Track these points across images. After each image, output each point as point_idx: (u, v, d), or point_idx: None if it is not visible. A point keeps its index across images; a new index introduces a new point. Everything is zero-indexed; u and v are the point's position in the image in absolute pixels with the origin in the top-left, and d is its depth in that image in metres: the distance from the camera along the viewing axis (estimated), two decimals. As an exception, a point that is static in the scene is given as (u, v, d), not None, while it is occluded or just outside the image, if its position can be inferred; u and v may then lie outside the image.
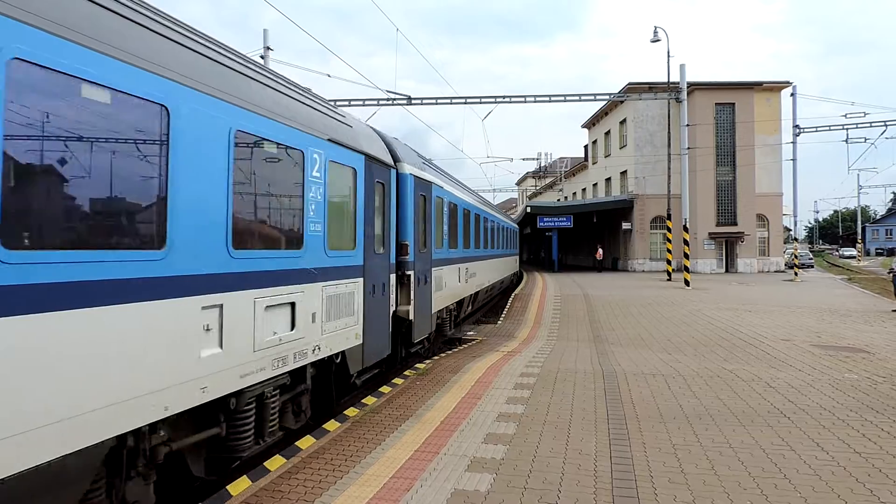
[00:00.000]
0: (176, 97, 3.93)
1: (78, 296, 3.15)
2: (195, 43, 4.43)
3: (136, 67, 3.59)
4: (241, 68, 4.98)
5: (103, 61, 3.39)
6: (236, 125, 4.61)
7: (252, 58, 5.93)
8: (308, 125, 5.82)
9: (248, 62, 5.27)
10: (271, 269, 5.09)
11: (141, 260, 3.64)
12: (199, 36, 4.61)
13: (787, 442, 5.63)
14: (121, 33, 3.59)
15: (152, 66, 3.74)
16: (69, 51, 3.18)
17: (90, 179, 3.31)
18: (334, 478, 4.84)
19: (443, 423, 6.32)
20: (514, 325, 14.99)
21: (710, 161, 37.86)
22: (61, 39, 3.14)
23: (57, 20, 3.13)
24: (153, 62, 3.75)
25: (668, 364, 9.52)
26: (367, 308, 7.35)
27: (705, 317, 15.38)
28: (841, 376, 8.48)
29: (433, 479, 4.75)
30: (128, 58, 3.55)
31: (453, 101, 27.19)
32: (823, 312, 16.36)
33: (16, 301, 2.82)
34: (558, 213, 40.71)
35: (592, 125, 52.41)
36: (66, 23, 3.18)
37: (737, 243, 38.68)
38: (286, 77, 6.15)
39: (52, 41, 3.09)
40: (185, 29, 4.46)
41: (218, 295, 4.36)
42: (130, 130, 3.59)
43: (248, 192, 4.80)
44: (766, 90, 39.43)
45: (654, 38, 27.05)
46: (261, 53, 22.75)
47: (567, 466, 5.02)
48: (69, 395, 3.09)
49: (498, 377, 8.57)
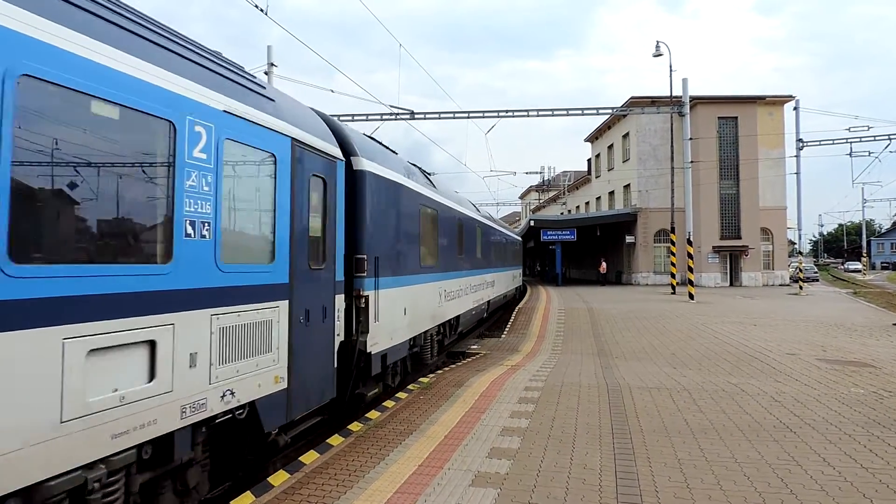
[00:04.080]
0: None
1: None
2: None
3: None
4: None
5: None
6: (16, 65, 3.00)
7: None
8: (184, 85, 4.19)
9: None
10: (102, 293, 3.43)
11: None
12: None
13: (793, 457, 5.59)
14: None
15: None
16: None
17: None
18: (338, 493, 4.83)
19: (447, 438, 6.30)
20: (517, 339, 14.96)
21: (713, 175, 37.90)
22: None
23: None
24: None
25: (673, 378, 9.48)
26: (296, 341, 5.66)
27: (710, 330, 15.32)
28: (847, 391, 8.43)
29: (437, 494, 4.74)
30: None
31: (456, 115, 27.34)
32: (829, 326, 16.28)
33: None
34: (562, 226, 40.76)
35: (595, 139, 52.59)
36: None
37: (741, 257, 38.60)
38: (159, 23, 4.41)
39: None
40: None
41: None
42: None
43: (42, 173, 3.18)
44: (768, 104, 39.57)
45: (656, 53, 27.22)
46: (265, 70, 22.98)
47: (572, 481, 5.00)
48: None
49: (502, 391, 8.55)
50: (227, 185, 4.64)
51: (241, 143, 4.86)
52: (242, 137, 4.88)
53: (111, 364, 3.53)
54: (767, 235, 39.87)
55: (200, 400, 4.29)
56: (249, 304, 4.91)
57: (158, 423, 3.88)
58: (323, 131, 6.60)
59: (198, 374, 4.25)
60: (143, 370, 3.79)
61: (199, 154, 4.31)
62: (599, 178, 52.14)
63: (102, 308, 3.44)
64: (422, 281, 10.26)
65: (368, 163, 7.69)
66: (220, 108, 4.59)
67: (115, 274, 3.55)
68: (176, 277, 4.04)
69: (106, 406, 3.46)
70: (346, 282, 7.09)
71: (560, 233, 40.09)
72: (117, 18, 3.81)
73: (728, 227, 38.72)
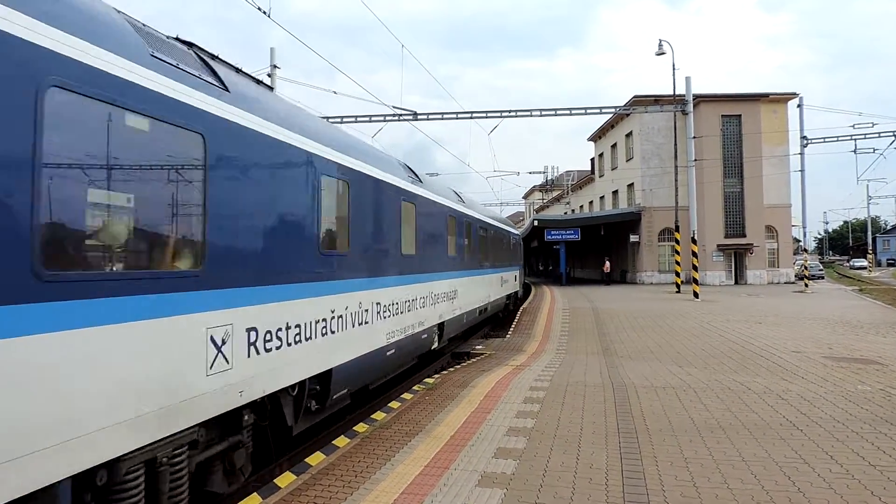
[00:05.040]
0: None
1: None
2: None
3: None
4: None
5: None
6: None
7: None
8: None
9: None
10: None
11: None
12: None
13: (801, 455, 5.57)
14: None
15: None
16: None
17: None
18: (345, 494, 4.83)
19: (452, 438, 6.30)
20: (522, 339, 14.94)
21: (717, 173, 37.82)
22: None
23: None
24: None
25: (679, 377, 9.46)
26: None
27: (715, 329, 15.28)
28: (854, 388, 8.40)
29: (444, 495, 4.74)
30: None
31: (459, 115, 27.34)
32: (835, 324, 16.21)
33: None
34: (566, 226, 40.69)
35: (598, 138, 52.52)
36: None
37: (746, 255, 38.49)
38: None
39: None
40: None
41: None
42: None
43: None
44: (772, 101, 39.48)
45: (659, 52, 27.19)
46: (268, 72, 23.03)
47: (578, 481, 4.99)
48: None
49: (507, 391, 8.54)
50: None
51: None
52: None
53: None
54: (772, 233, 39.75)
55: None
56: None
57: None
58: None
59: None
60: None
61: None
62: (603, 177, 52.08)
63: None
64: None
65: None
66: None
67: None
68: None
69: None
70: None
71: (564, 232, 40.02)
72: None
73: (732, 225, 38.62)
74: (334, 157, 6.88)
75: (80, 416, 3.34)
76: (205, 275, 4.45)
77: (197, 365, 4.34)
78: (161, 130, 4.12)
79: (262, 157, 5.35)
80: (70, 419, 3.28)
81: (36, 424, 3.09)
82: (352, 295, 7.21)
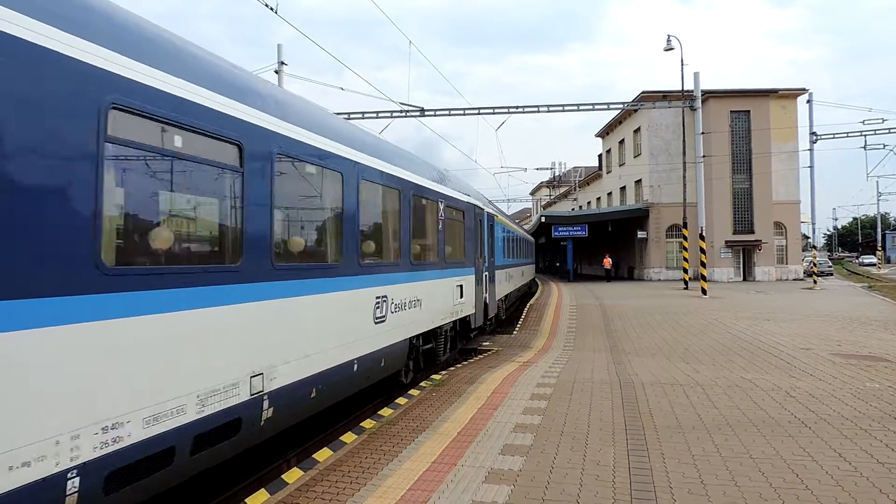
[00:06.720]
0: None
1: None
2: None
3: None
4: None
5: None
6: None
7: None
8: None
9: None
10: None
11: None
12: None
13: (809, 452, 5.55)
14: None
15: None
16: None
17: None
18: (352, 490, 4.85)
19: (460, 435, 6.31)
20: (529, 336, 14.95)
21: (725, 169, 37.62)
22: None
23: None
24: None
25: (686, 374, 9.44)
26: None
27: (723, 326, 15.23)
28: (862, 385, 8.35)
29: (451, 491, 4.75)
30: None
31: (466, 112, 27.31)
32: (843, 321, 16.12)
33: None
34: (573, 222, 40.62)
35: (606, 134, 52.35)
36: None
37: (754, 251, 38.29)
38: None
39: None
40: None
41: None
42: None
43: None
44: (781, 97, 39.18)
45: (667, 47, 27.04)
46: (275, 69, 23.07)
47: (585, 477, 5.00)
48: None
49: (514, 388, 8.55)
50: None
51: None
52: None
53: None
54: (781, 230, 39.52)
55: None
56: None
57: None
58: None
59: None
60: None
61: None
62: (611, 173, 51.91)
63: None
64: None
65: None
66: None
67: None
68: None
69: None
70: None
71: (571, 229, 39.94)
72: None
73: (741, 221, 38.42)
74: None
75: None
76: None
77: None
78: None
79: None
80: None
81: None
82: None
